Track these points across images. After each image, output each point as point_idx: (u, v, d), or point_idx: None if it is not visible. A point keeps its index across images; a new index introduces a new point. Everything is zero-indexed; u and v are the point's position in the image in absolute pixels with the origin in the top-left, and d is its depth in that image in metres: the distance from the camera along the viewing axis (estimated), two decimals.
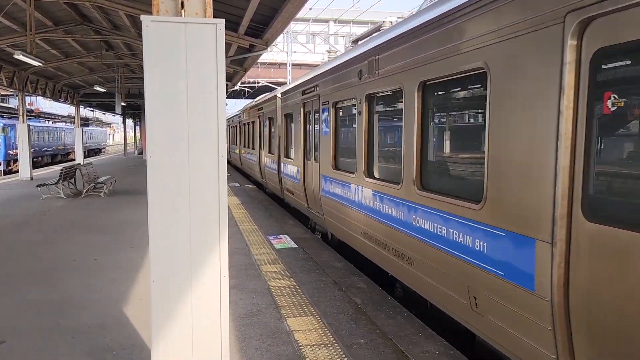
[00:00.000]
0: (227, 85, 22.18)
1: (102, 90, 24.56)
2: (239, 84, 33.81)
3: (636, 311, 2.67)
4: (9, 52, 15.77)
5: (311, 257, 8.36)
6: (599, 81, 2.98)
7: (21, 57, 12.27)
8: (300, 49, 40.64)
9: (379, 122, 6.90)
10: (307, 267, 7.73)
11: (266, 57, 38.67)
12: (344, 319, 5.59)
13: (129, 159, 41.02)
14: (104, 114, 66.87)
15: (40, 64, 14.64)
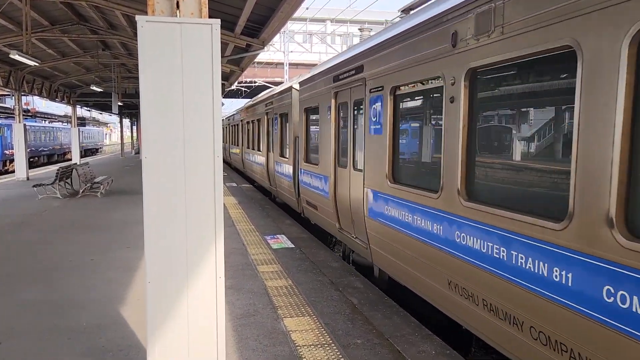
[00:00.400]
0: (224, 84, 22.16)
1: (99, 90, 24.50)
2: (236, 84, 33.76)
3: None
4: (5, 52, 15.72)
5: (308, 257, 8.36)
6: None
7: (17, 57, 12.23)
8: (297, 49, 40.61)
9: (489, 111, 4.53)
10: (303, 267, 7.73)
11: (263, 56, 38.65)
12: (341, 319, 5.60)
13: (126, 158, 40.94)
14: (101, 113, 66.69)
15: (36, 64, 14.59)
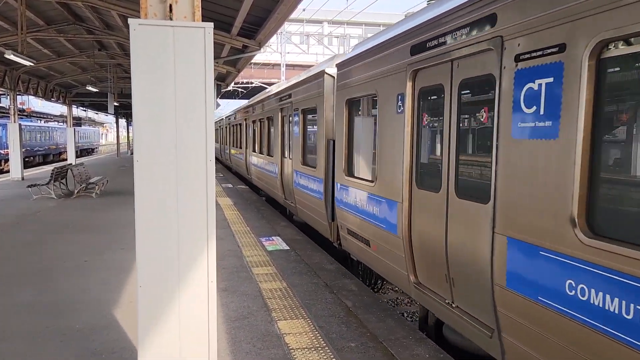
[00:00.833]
0: (220, 85, 22.11)
1: (95, 90, 24.42)
2: (233, 84, 33.74)
3: None
4: (0, 52, 15.65)
5: (303, 259, 8.35)
6: None
7: (12, 57, 12.18)
8: (294, 50, 40.60)
9: None
10: (298, 269, 7.72)
11: (260, 57, 38.59)
12: (335, 322, 5.59)
13: (122, 159, 40.84)
14: (97, 113, 66.53)
15: (31, 64, 14.54)
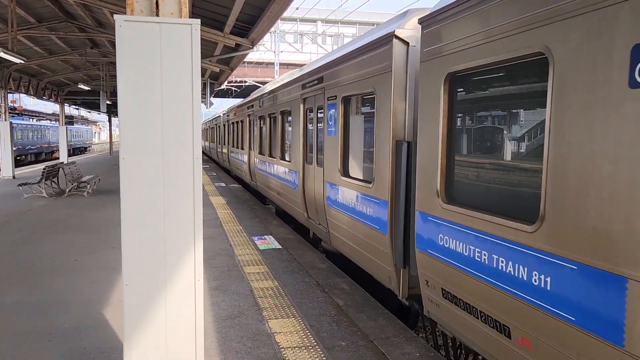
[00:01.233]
0: (213, 84, 22.04)
1: (87, 88, 24.28)
2: (226, 83, 33.66)
3: None
4: None
5: (295, 258, 8.33)
6: None
7: (2, 54, 12.08)
8: (287, 49, 40.54)
9: None
10: (290, 268, 7.70)
11: (253, 56, 38.55)
12: (326, 321, 5.57)
13: (115, 157, 40.63)
14: (89, 112, 66.18)
15: (22, 61, 14.42)
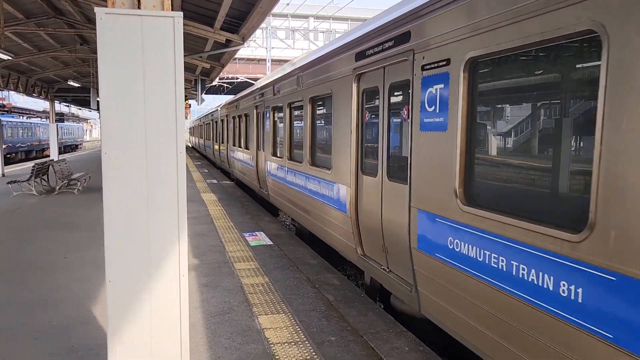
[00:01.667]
0: (204, 80, 21.92)
1: (77, 85, 24.08)
2: (217, 80, 33.53)
3: None
4: None
5: (286, 254, 8.32)
6: None
7: None
8: (279, 45, 40.42)
9: None
10: (281, 264, 7.69)
11: (245, 52, 38.43)
12: (316, 316, 5.57)
13: None
14: (80, 109, 65.72)
15: (10, 58, 14.28)
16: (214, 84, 29.90)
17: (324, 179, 7.66)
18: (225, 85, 43.13)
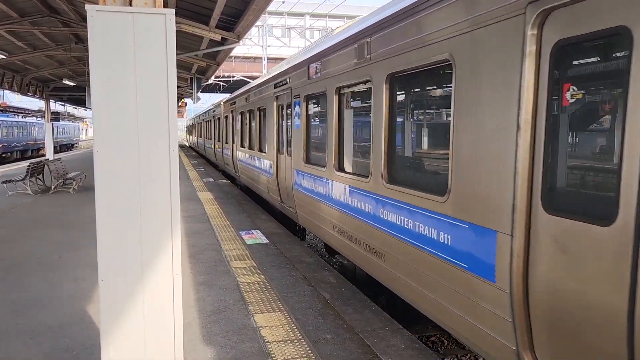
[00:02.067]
0: (200, 79, 21.87)
1: (72, 84, 23.99)
2: (213, 78, 33.45)
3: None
4: None
5: (282, 252, 8.30)
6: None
7: None
8: (275, 43, 40.35)
9: None
10: (277, 262, 7.68)
11: (241, 50, 38.33)
12: (312, 314, 5.56)
13: None
14: (76, 108, 65.49)
15: (4, 57, 14.21)
16: (210, 82, 29.86)
17: (434, 212, 4.47)
18: (221, 83, 43.04)
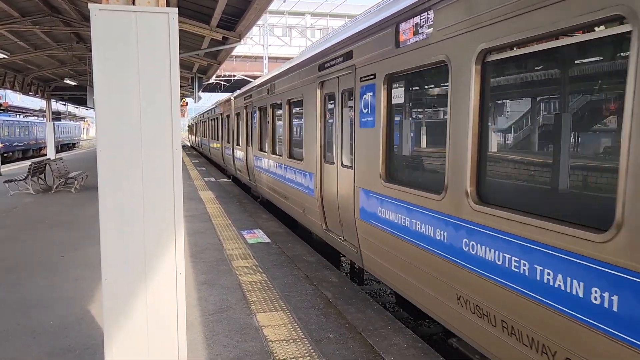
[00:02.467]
0: (201, 78, 21.85)
1: (73, 83, 23.99)
2: (214, 77, 33.43)
3: None
4: None
5: (284, 251, 8.30)
6: None
7: None
8: (276, 42, 40.34)
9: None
10: (279, 261, 7.67)
11: (242, 50, 38.32)
12: (314, 314, 5.55)
13: None
14: (77, 107, 65.51)
15: (5, 56, 14.21)
16: (211, 81, 29.82)
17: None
18: (222, 82, 43.04)
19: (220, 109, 21.88)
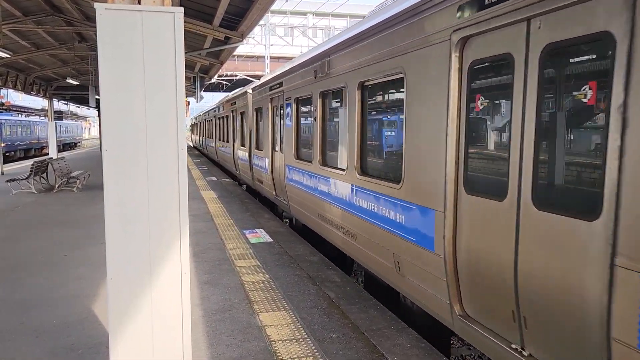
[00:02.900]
0: (203, 77, 21.84)
1: (75, 83, 24.01)
2: (216, 77, 33.39)
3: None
4: None
5: (286, 251, 8.30)
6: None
7: None
8: (278, 42, 40.34)
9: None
10: (282, 261, 7.67)
11: (244, 49, 38.31)
12: (317, 314, 5.55)
13: None
14: (79, 107, 65.57)
15: (8, 56, 14.23)
16: (213, 81, 29.81)
17: None
18: (224, 82, 43.05)
19: (231, 107, 18.32)
